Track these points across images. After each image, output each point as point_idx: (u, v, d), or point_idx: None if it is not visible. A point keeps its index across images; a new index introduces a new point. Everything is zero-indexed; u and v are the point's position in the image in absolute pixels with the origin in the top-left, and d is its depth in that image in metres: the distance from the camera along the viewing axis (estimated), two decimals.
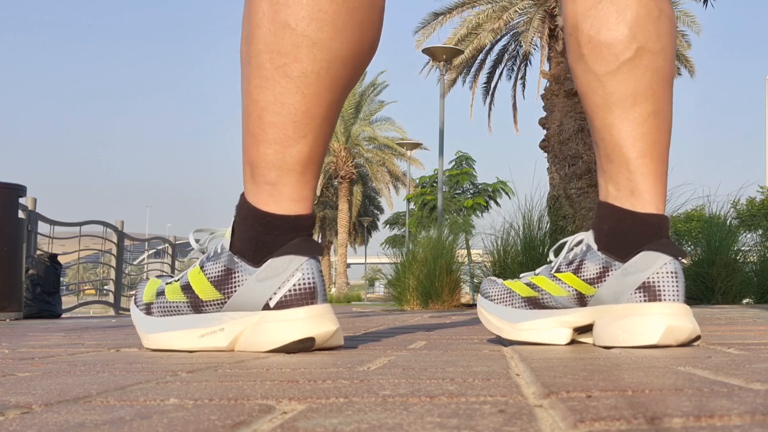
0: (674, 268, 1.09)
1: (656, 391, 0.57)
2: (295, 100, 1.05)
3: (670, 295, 1.07)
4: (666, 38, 1.12)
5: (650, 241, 1.10)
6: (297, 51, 1.03)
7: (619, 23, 1.10)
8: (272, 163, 1.07)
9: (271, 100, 1.05)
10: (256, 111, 1.06)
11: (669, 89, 1.14)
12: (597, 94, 1.12)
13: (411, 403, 0.54)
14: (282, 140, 1.06)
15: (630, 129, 1.12)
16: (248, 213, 1.09)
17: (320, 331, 1.05)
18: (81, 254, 7.82)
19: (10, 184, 4.80)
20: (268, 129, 1.06)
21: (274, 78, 1.04)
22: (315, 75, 1.04)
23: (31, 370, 0.86)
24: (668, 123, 1.14)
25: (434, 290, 6.30)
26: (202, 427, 0.46)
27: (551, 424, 0.45)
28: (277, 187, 1.08)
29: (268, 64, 1.04)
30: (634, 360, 0.86)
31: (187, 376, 0.76)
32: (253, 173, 1.09)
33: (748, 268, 6.10)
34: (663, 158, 1.14)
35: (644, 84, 1.11)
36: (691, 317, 1.08)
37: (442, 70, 12.93)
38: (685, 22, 20.67)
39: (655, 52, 1.11)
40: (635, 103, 1.11)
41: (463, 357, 0.94)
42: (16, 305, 4.73)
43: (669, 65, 1.13)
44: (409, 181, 24.47)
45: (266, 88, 1.05)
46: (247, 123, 1.08)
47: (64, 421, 0.49)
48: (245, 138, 1.09)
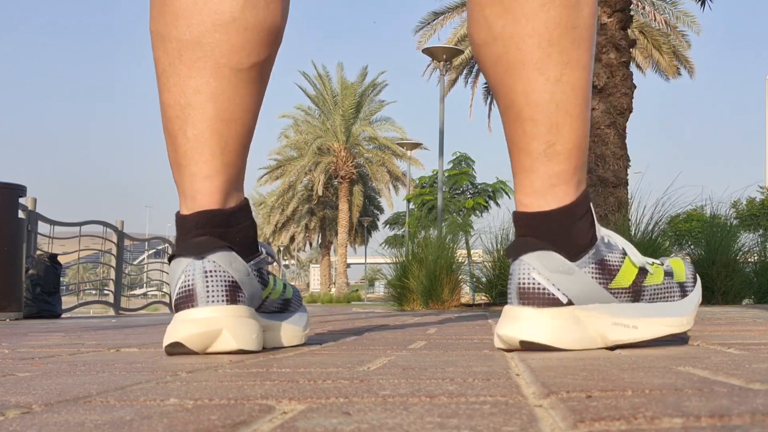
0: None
1: (656, 391, 0.57)
2: (165, 97, 1.08)
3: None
4: (498, 24, 1.00)
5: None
6: (155, 51, 1.09)
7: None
8: (170, 161, 1.10)
9: (162, 104, 1.09)
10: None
11: (524, 74, 1.00)
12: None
13: (411, 403, 0.54)
14: (168, 138, 1.09)
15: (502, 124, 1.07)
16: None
17: (185, 333, 1.00)
18: (81, 254, 7.82)
19: (10, 184, 4.80)
20: (164, 131, 1.10)
21: (158, 84, 1.09)
22: (171, 67, 1.07)
23: (31, 370, 0.86)
24: (529, 111, 1.01)
25: (434, 290, 6.29)
26: (202, 427, 0.46)
27: (551, 424, 0.45)
28: (178, 184, 1.10)
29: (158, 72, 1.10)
30: (634, 360, 0.86)
31: (187, 376, 0.76)
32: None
33: (748, 268, 6.10)
34: (522, 153, 1.03)
35: (496, 78, 1.03)
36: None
37: (442, 70, 12.93)
38: (685, 22, 20.65)
39: (487, 42, 1.01)
40: (495, 98, 1.06)
41: (463, 357, 0.94)
42: (16, 305, 4.73)
43: (513, 50, 1.00)
44: (409, 181, 24.47)
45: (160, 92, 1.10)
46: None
47: (64, 421, 0.49)
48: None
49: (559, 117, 1.01)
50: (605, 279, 1.04)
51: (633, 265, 1.07)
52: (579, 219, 1.03)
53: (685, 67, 21.46)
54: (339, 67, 35.53)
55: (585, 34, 1.01)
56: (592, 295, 1.03)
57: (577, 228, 1.03)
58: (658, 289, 1.09)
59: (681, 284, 1.13)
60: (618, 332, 1.04)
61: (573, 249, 1.02)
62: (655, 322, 1.07)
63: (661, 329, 1.07)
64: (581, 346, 1.01)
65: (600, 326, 1.03)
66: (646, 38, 20.42)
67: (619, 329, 1.04)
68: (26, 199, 5.41)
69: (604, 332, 1.03)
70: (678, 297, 1.11)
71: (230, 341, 1.01)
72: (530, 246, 1.02)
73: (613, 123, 6.99)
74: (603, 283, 1.04)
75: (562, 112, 1.01)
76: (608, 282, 1.04)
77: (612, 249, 1.06)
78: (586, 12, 1.01)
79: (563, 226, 1.02)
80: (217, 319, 1.02)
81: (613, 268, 1.05)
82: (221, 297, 1.03)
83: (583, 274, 1.02)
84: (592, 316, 1.02)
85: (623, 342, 1.04)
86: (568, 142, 1.02)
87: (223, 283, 1.03)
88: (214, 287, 1.03)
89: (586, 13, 1.01)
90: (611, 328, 1.04)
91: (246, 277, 1.07)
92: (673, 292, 1.11)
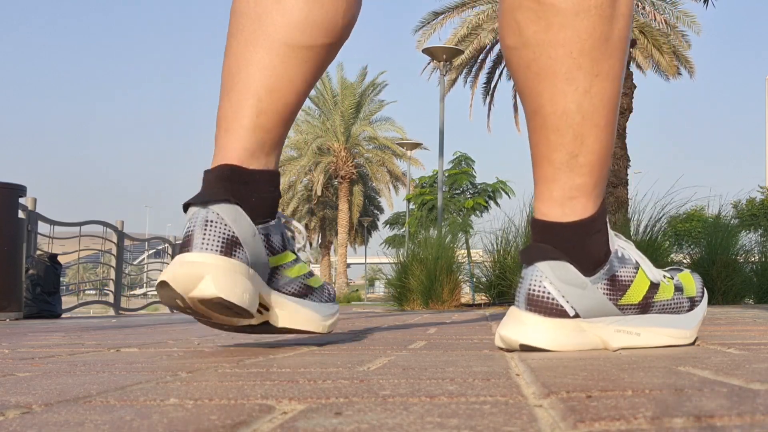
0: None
1: (656, 391, 0.57)
2: (225, 60, 1.16)
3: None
4: (529, 30, 0.99)
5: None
6: (230, 19, 1.16)
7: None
8: (216, 119, 1.15)
9: (223, 65, 1.17)
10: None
11: (553, 83, 0.99)
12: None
13: (411, 403, 0.54)
14: (220, 97, 1.16)
15: (528, 131, 1.06)
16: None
17: (169, 274, 1.02)
18: (81, 254, 7.81)
19: (10, 184, 4.80)
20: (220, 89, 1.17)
21: (225, 48, 1.17)
22: (233, 37, 1.15)
23: (31, 370, 0.86)
24: (555, 120, 1.00)
25: (434, 290, 6.29)
26: (202, 427, 0.46)
27: (551, 424, 0.45)
28: (215, 142, 1.14)
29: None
30: (634, 360, 0.86)
31: (187, 376, 0.76)
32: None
33: (748, 268, 6.10)
34: (545, 161, 1.03)
35: (524, 83, 1.02)
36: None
37: (442, 70, 12.93)
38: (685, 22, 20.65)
39: (517, 47, 1.01)
40: (522, 102, 1.05)
41: (463, 357, 0.94)
42: (16, 305, 4.73)
43: (544, 57, 0.99)
44: (408, 181, 24.47)
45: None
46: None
47: (64, 421, 0.49)
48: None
49: (584, 128, 1.00)
50: (616, 295, 1.03)
51: (646, 278, 1.06)
52: (595, 233, 1.03)
53: (685, 67, 21.46)
54: (339, 67, 35.51)
55: (618, 45, 1.00)
56: (601, 309, 1.02)
57: (592, 242, 1.02)
58: (667, 304, 1.09)
59: (691, 299, 1.13)
60: (620, 339, 1.04)
61: (588, 263, 1.02)
62: (658, 331, 1.07)
63: (663, 339, 1.07)
64: (582, 349, 1.01)
65: (603, 333, 1.03)
66: (647, 38, 20.42)
67: (622, 336, 1.04)
68: (26, 199, 5.41)
69: (606, 339, 1.03)
70: (686, 311, 1.11)
71: (210, 287, 1.01)
72: (546, 254, 1.01)
73: None
74: (613, 299, 1.03)
75: (589, 123, 1.00)
76: (618, 298, 1.03)
77: (625, 263, 1.05)
78: (621, 24, 1.00)
79: (579, 240, 1.01)
80: (203, 264, 1.03)
81: (624, 284, 1.04)
82: (215, 247, 1.04)
83: (595, 289, 1.02)
84: (596, 327, 1.03)
85: (626, 347, 1.04)
86: (591, 154, 1.01)
87: (221, 235, 1.05)
88: (210, 236, 1.04)
89: (621, 25, 1.00)
90: (614, 335, 1.03)
91: (251, 237, 1.08)
92: (681, 306, 1.11)
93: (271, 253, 1.13)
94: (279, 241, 1.14)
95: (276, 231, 1.14)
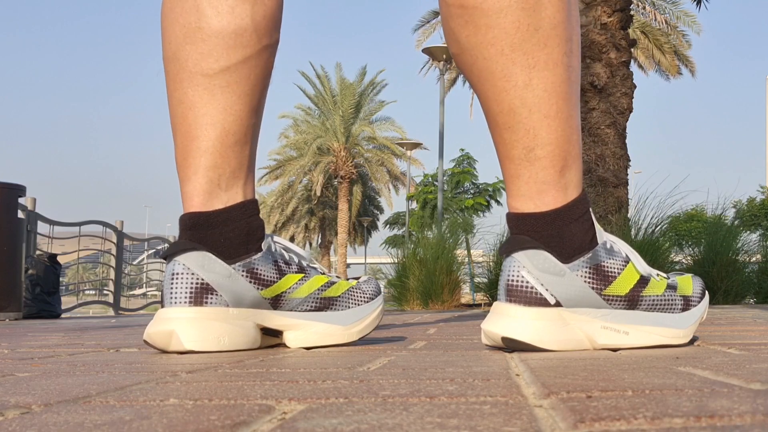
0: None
1: (656, 391, 0.57)
2: (169, 110, 1.16)
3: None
4: (462, 35, 1.00)
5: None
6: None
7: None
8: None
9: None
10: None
11: (493, 83, 1.00)
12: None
13: (411, 403, 0.54)
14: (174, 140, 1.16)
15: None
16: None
17: (147, 332, 1.08)
18: (80, 254, 7.82)
19: (9, 184, 4.80)
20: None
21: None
22: (167, 83, 1.14)
23: (30, 370, 0.86)
24: (504, 118, 1.01)
25: (434, 290, 6.29)
26: (202, 427, 0.46)
27: (551, 425, 0.45)
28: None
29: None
30: (634, 360, 0.86)
31: (187, 376, 0.76)
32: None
33: (748, 268, 6.10)
34: (506, 159, 1.03)
35: (473, 87, 1.04)
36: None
37: (441, 69, 12.92)
38: (685, 22, 20.65)
39: (458, 53, 1.02)
40: (481, 106, 1.07)
41: (463, 357, 0.94)
42: (16, 305, 4.73)
43: (480, 59, 0.99)
44: (408, 181, 24.47)
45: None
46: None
47: (63, 421, 0.49)
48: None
49: (533, 121, 1.00)
50: (600, 284, 1.02)
51: (636, 272, 1.05)
52: (573, 221, 1.02)
53: (686, 67, 21.47)
54: (338, 67, 35.57)
55: (552, 33, 0.99)
56: (584, 299, 1.02)
57: (570, 230, 1.02)
58: (658, 300, 1.07)
59: (686, 297, 1.11)
60: (607, 336, 1.03)
61: (566, 251, 1.01)
62: (648, 330, 1.06)
63: (653, 338, 1.06)
64: (566, 347, 1.00)
65: (589, 329, 1.02)
66: (648, 38, 20.43)
67: (609, 333, 1.03)
68: (26, 199, 5.41)
69: (592, 335, 1.02)
70: (679, 310, 1.10)
71: (179, 342, 1.05)
72: (522, 244, 1.01)
73: (613, 123, 6.99)
74: (597, 288, 1.02)
75: (537, 115, 1.00)
76: (603, 288, 1.02)
77: (613, 255, 1.04)
78: (549, 11, 0.99)
79: (554, 228, 1.01)
80: (170, 319, 1.07)
81: (610, 274, 1.03)
82: (183, 299, 1.07)
83: (574, 277, 1.01)
84: (581, 320, 1.01)
85: (612, 347, 1.03)
86: (548, 145, 1.01)
87: (188, 285, 1.07)
88: (177, 289, 1.07)
89: (550, 12, 0.99)
90: (600, 332, 1.02)
91: (225, 279, 1.08)
92: (674, 304, 1.09)
93: (262, 286, 1.12)
94: (272, 271, 1.13)
95: (264, 262, 1.12)
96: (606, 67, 7.02)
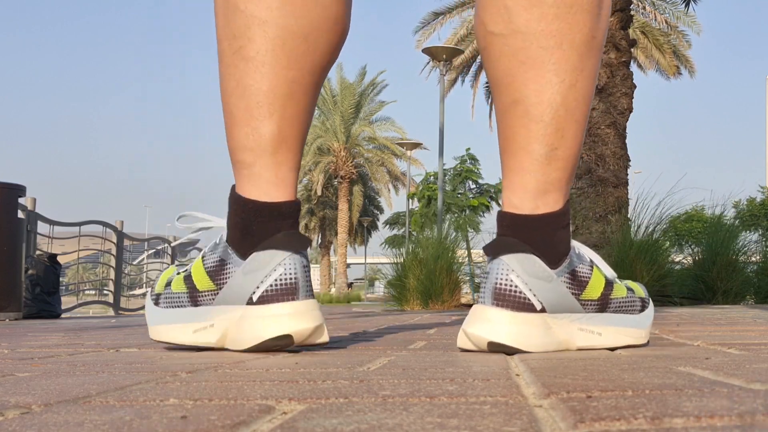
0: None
1: (656, 391, 0.57)
2: (255, 81, 1.06)
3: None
4: (521, 18, 0.97)
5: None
6: (249, 32, 1.05)
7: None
8: (245, 145, 1.08)
9: (234, 84, 1.07)
10: (225, 97, 1.09)
11: (541, 73, 0.98)
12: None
13: (411, 403, 0.54)
14: (250, 122, 1.07)
15: (498, 119, 1.05)
16: (234, 200, 1.10)
17: (298, 328, 1.03)
18: (80, 254, 7.82)
19: (9, 184, 4.80)
20: (236, 113, 1.08)
21: (234, 63, 1.07)
22: (270, 54, 1.05)
23: (30, 370, 0.86)
24: (540, 110, 0.99)
25: (434, 290, 6.29)
26: (202, 427, 0.46)
27: (551, 425, 0.45)
28: (254, 169, 1.08)
29: (227, 50, 1.07)
30: (634, 360, 0.86)
31: (187, 376, 0.76)
32: (232, 158, 1.10)
33: (748, 268, 6.10)
34: (522, 152, 1.01)
35: (506, 71, 1.01)
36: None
37: (442, 70, 12.92)
38: (685, 22, 20.66)
39: (504, 34, 0.99)
40: (496, 92, 1.04)
41: (463, 357, 0.94)
42: (16, 305, 4.73)
43: (534, 47, 0.98)
44: (408, 181, 24.49)
45: (229, 74, 1.08)
46: (223, 110, 1.11)
47: (63, 421, 0.49)
48: (225, 124, 1.11)
49: (566, 122, 1.00)
50: (577, 289, 1.03)
51: (602, 276, 1.06)
52: (562, 228, 1.03)
53: (685, 67, 21.47)
54: (338, 67, 35.50)
55: (599, 46, 1.01)
56: (565, 304, 1.02)
57: (559, 236, 1.02)
58: (623, 302, 1.09)
59: (641, 299, 1.14)
60: (583, 338, 1.04)
61: (554, 256, 1.01)
62: (617, 331, 1.08)
63: (622, 339, 1.08)
64: (548, 349, 1.00)
65: (568, 331, 1.03)
66: (647, 38, 20.43)
67: (585, 335, 1.04)
68: (26, 199, 5.41)
69: (571, 338, 1.03)
70: (638, 311, 1.12)
71: (322, 335, 1.07)
72: (511, 247, 1.00)
73: (613, 123, 6.99)
74: (576, 293, 1.03)
75: (571, 118, 1.00)
76: (580, 293, 1.03)
77: (582, 260, 1.05)
78: (604, 25, 1.01)
79: (548, 233, 1.01)
80: (319, 314, 1.06)
81: (583, 280, 1.04)
82: (311, 292, 1.07)
83: (560, 282, 1.01)
84: (562, 324, 1.02)
85: (588, 347, 1.05)
86: (569, 149, 1.01)
87: (310, 278, 1.08)
88: (309, 283, 1.07)
89: (604, 27, 1.01)
90: (578, 334, 1.04)
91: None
92: (635, 305, 1.11)
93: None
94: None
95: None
96: (606, 67, 7.03)
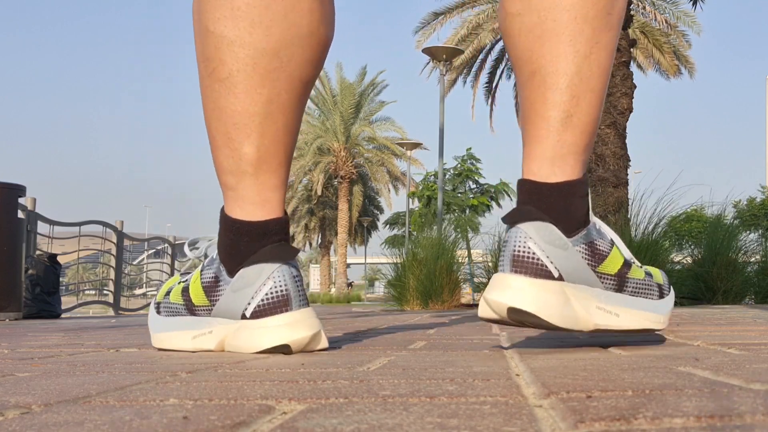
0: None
1: (656, 391, 0.57)
2: (229, 102, 1.06)
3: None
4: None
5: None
6: (219, 53, 1.05)
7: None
8: (226, 168, 1.09)
9: (212, 106, 1.08)
10: (206, 120, 1.10)
11: (555, 45, 1.02)
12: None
13: (411, 403, 0.54)
14: (228, 144, 1.08)
15: (519, 94, 1.08)
16: (222, 221, 1.12)
17: (295, 337, 1.05)
18: (80, 254, 7.82)
19: (9, 184, 4.80)
20: (216, 135, 1.09)
21: (209, 85, 1.07)
22: (242, 74, 1.05)
23: (30, 370, 0.86)
24: (555, 79, 1.03)
25: (434, 290, 6.29)
26: (202, 427, 0.46)
27: (551, 424, 0.45)
28: (237, 191, 1.09)
29: (203, 72, 1.08)
30: (635, 360, 0.86)
31: (187, 376, 0.76)
32: (218, 180, 1.12)
33: (748, 268, 6.10)
34: (539, 119, 1.04)
35: (525, 46, 1.04)
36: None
37: (442, 70, 12.92)
38: (685, 22, 20.64)
39: (521, 13, 1.03)
40: (517, 67, 1.07)
41: (463, 357, 0.94)
42: (16, 305, 4.73)
43: (548, 21, 1.02)
44: (408, 181, 24.49)
45: (206, 96, 1.09)
46: (207, 133, 1.12)
47: (63, 421, 0.49)
48: (209, 146, 1.12)
49: (581, 90, 1.03)
50: (594, 261, 1.04)
51: (620, 255, 1.08)
52: (580, 197, 1.04)
53: (685, 67, 21.47)
54: (338, 67, 35.49)
55: (616, 23, 1.05)
56: (581, 275, 1.03)
57: (576, 205, 1.04)
58: (641, 284, 1.10)
59: (659, 285, 1.14)
60: (601, 316, 1.04)
61: (570, 225, 1.03)
62: (635, 314, 1.08)
63: (640, 322, 1.08)
64: (567, 324, 1.00)
65: (586, 307, 1.03)
66: (647, 38, 20.43)
67: (603, 314, 1.04)
68: (26, 199, 5.41)
69: (589, 314, 1.03)
70: (656, 296, 1.12)
71: (321, 341, 1.10)
72: (529, 215, 1.02)
73: (613, 123, 7.00)
74: (592, 264, 1.04)
75: (585, 86, 1.04)
76: (596, 265, 1.04)
77: (602, 236, 1.07)
78: (620, 4, 1.05)
79: (566, 201, 1.03)
80: (316, 321, 1.08)
81: (602, 253, 1.05)
82: (305, 301, 1.09)
83: (575, 251, 1.03)
84: (580, 297, 1.03)
85: (605, 327, 1.04)
86: (585, 116, 1.04)
87: (302, 287, 1.10)
88: (302, 291, 1.09)
89: (621, 5, 1.05)
90: (595, 311, 1.04)
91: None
92: (653, 290, 1.12)
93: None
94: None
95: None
96: None
